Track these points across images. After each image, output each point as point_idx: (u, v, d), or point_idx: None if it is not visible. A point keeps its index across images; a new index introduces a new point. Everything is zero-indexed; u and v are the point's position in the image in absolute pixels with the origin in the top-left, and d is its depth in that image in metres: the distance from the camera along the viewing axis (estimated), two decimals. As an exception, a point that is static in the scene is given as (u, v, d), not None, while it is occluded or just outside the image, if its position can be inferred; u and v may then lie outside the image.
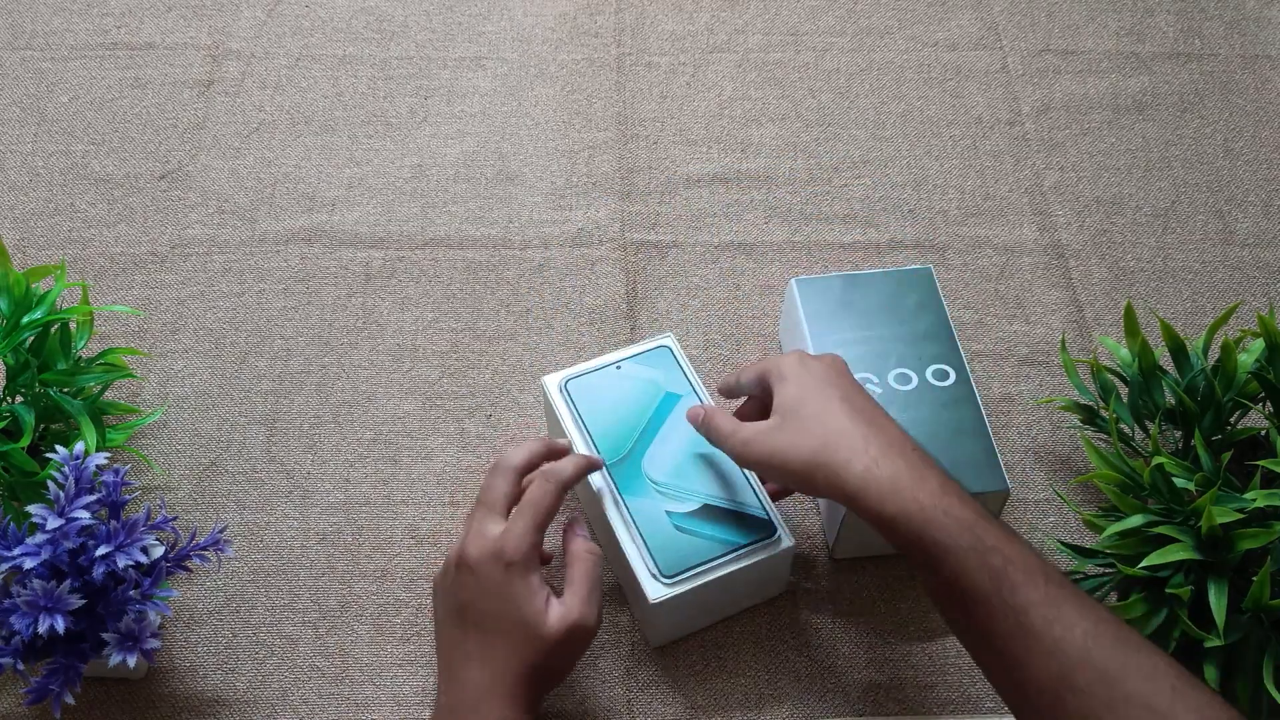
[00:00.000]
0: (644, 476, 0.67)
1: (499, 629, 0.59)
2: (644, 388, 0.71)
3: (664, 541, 0.65)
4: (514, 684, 0.59)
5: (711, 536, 0.65)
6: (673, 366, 0.72)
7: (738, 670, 0.69)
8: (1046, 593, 0.52)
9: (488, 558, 0.60)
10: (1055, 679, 0.50)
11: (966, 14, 1.03)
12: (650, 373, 0.72)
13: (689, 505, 0.66)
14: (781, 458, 0.59)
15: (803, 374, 0.62)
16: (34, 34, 1.00)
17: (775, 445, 0.60)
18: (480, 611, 0.60)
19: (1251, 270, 0.87)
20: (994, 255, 0.87)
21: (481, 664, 0.59)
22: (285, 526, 0.74)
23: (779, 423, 0.60)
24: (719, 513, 0.66)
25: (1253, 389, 0.68)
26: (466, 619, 0.61)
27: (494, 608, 0.60)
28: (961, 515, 0.54)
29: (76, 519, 0.59)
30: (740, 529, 0.66)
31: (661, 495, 0.67)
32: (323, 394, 0.80)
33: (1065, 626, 0.50)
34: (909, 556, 0.56)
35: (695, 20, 1.02)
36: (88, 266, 0.86)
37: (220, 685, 0.68)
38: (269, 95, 0.96)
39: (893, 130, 0.95)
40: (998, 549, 0.53)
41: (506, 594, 0.60)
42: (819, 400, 0.60)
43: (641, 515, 0.66)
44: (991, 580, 0.52)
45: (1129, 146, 0.94)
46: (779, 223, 0.89)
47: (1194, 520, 0.61)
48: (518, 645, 0.59)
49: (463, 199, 0.90)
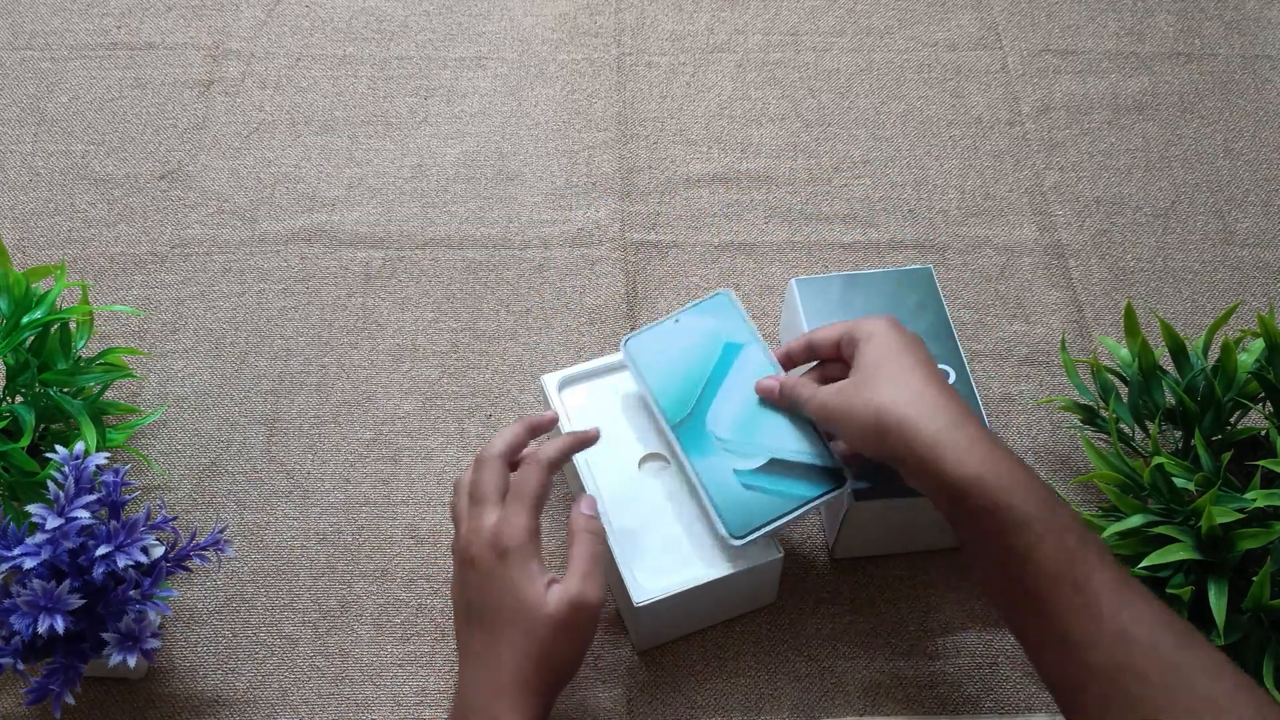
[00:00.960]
0: (709, 434, 0.67)
1: (501, 621, 0.59)
2: (704, 340, 0.70)
3: (733, 501, 0.65)
4: (519, 682, 0.57)
5: (781, 492, 0.65)
6: (732, 315, 0.71)
7: (738, 670, 0.69)
8: (1116, 579, 0.52)
9: (485, 549, 0.60)
10: (1118, 664, 0.50)
11: (966, 14, 1.03)
12: (710, 322, 0.71)
13: (756, 461, 0.66)
14: (858, 414, 0.60)
15: (888, 337, 0.62)
16: (34, 34, 1.00)
17: (853, 402, 0.60)
18: (483, 606, 0.59)
19: (1251, 270, 0.87)
20: (994, 255, 0.87)
21: (484, 663, 0.59)
22: (285, 526, 0.74)
23: (858, 380, 0.61)
24: (787, 466, 0.66)
25: (1253, 389, 0.68)
26: (472, 617, 0.60)
27: (494, 599, 0.59)
28: (1038, 490, 0.54)
29: (76, 519, 0.59)
30: (810, 481, 0.65)
31: (728, 452, 0.66)
32: (323, 394, 0.80)
33: (1134, 614, 0.51)
34: (971, 526, 0.55)
35: (695, 20, 1.02)
36: (88, 266, 0.86)
37: (220, 685, 0.68)
38: (269, 95, 0.96)
39: (893, 130, 0.95)
40: (1071, 528, 0.53)
41: (505, 583, 0.59)
42: (899, 363, 0.60)
43: (709, 475, 0.66)
44: (1065, 559, 0.52)
45: (1129, 146, 0.94)
46: (779, 223, 0.89)
47: (1194, 520, 0.62)
48: (519, 636, 0.58)
49: (463, 199, 0.90)
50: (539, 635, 0.58)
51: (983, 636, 0.70)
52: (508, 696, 0.57)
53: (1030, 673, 0.69)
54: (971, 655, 0.70)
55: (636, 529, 0.67)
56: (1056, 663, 0.53)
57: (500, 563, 0.59)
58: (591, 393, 0.73)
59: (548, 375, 0.72)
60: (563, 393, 0.72)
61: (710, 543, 0.66)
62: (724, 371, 0.69)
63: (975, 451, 0.55)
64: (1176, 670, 0.49)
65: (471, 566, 0.60)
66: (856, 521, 0.69)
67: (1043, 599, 0.53)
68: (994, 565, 0.55)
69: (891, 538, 0.72)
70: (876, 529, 0.70)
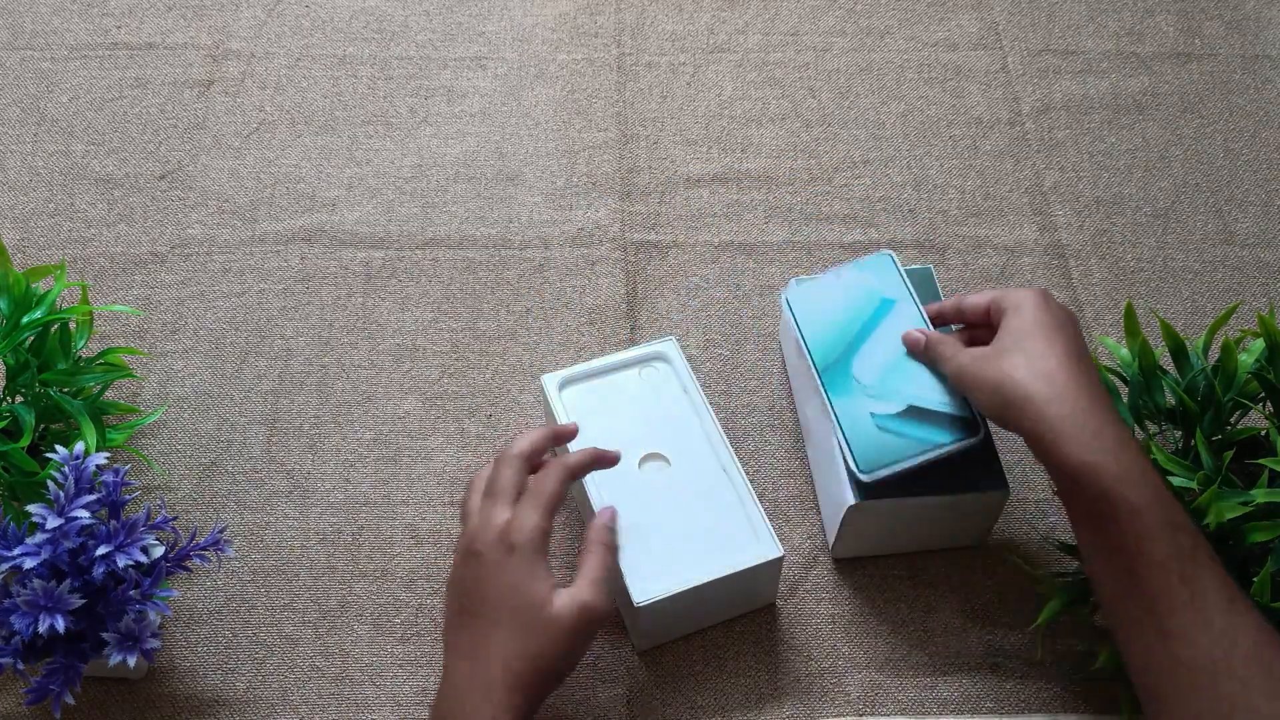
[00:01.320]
0: (852, 378, 0.69)
1: (498, 617, 0.58)
2: (862, 293, 0.73)
3: (866, 440, 0.67)
4: (509, 679, 0.56)
5: (913, 436, 0.66)
6: (892, 274, 0.73)
7: (738, 670, 0.69)
8: (1224, 581, 0.53)
9: (494, 543, 0.59)
10: (1218, 662, 0.51)
11: (966, 14, 1.03)
12: (870, 278, 0.74)
13: (895, 407, 0.68)
14: (989, 384, 0.60)
15: (1038, 311, 0.62)
16: (34, 34, 1.00)
17: (991, 370, 0.61)
18: (482, 599, 0.59)
19: (1251, 270, 0.87)
20: (994, 255, 0.87)
21: (475, 657, 0.58)
22: (285, 526, 0.74)
23: (1000, 349, 0.61)
24: (924, 414, 0.67)
25: (1253, 389, 0.68)
26: (467, 610, 0.59)
27: (495, 593, 0.58)
28: (1157, 485, 0.55)
29: (76, 519, 0.59)
30: (944, 429, 0.67)
31: (868, 397, 0.68)
32: (323, 394, 0.80)
33: (1239, 616, 0.52)
34: (1084, 510, 0.56)
35: (695, 20, 1.02)
36: (88, 266, 0.86)
37: (220, 685, 0.68)
38: (269, 95, 0.96)
39: (893, 130, 0.95)
40: (1185, 527, 0.54)
41: (510, 579, 0.58)
42: (1044, 339, 0.60)
43: (846, 414, 0.68)
44: (1177, 555, 0.53)
45: (1129, 146, 0.94)
46: (779, 223, 0.89)
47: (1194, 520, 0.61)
48: (517, 633, 0.57)
49: (463, 199, 0.90)
50: (536, 634, 0.57)
51: (983, 636, 0.70)
52: (496, 692, 0.56)
53: (1030, 673, 0.69)
54: (971, 655, 0.70)
55: (637, 529, 0.67)
56: (1146, 651, 0.54)
57: (507, 558, 0.59)
58: (591, 393, 0.73)
59: (548, 375, 0.72)
60: (563, 393, 0.72)
61: (710, 543, 0.66)
62: (875, 323, 0.72)
63: (1097, 439, 0.56)
64: (1276, 675, 0.50)
65: (477, 559, 0.60)
66: (856, 521, 0.69)
67: (1149, 590, 0.53)
68: (1103, 551, 0.56)
69: (891, 538, 0.72)
70: (876, 529, 0.70)
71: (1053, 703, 0.68)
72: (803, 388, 0.75)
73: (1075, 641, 0.70)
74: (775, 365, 0.81)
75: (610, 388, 0.73)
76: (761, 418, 0.79)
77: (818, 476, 0.75)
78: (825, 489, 0.73)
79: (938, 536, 0.72)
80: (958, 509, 0.69)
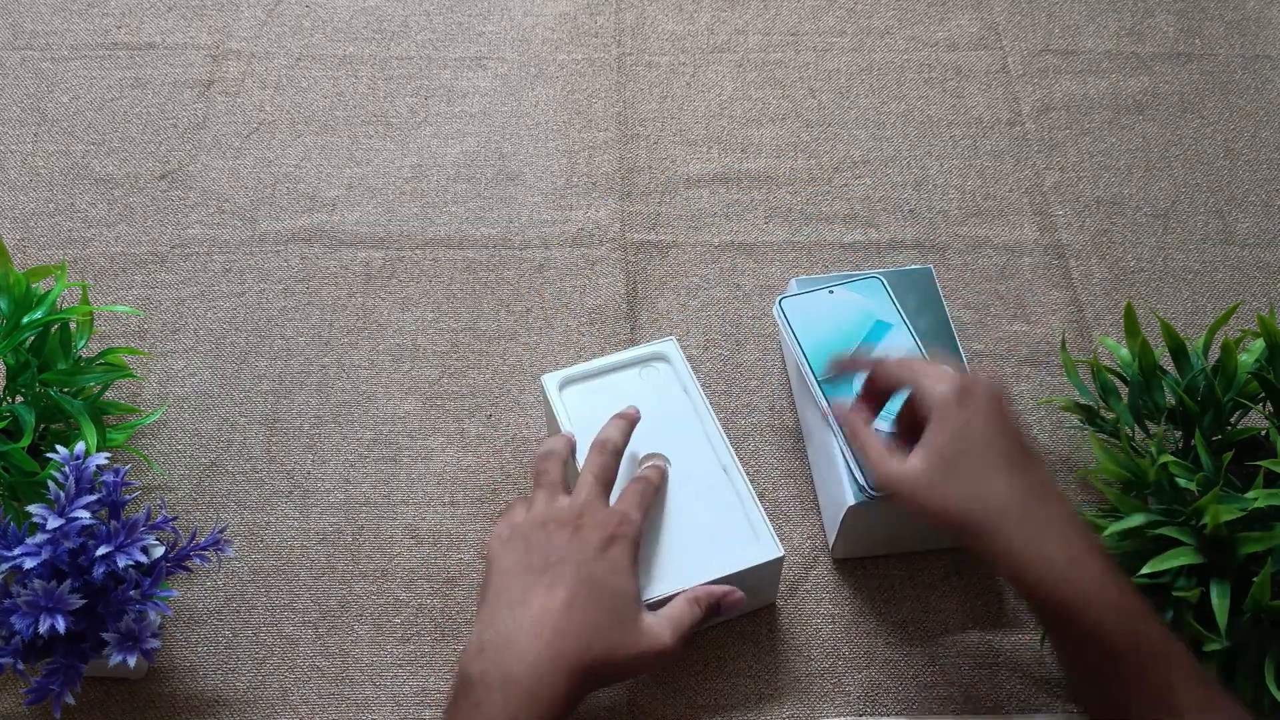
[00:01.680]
0: (855, 395, 0.69)
1: (588, 593, 0.57)
2: (857, 313, 0.74)
3: None
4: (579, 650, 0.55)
5: None
6: (884, 298, 0.75)
7: (738, 670, 0.69)
8: (1204, 697, 0.52)
9: (600, 526, 0.60)
10: None
11: (966, 14, 1.03)
12: (862, 300, 0.75)
13: None
14: (933, 512, 0.57)
15: (962, 416, 0.57)
16: (34, 34, 1.00)
17: (927, 498, 0.57)
18: (573, 569, 0.58)
19: (1251, 270, 0.87)
20: (994, 255, 0.87)
21: (544, 614, 0.56)
22: (285, 526, 0.74)
23: (932, 468, 0.57)
24: None
25: (1253, 389, 0.68)
26: (537, 568, 0.58)
27: (588, 569, 0.58)
28: (1126, 608, 0.53)
29: (77, 519, 0.59)
30: None
31: None
32: (323, 394, 0.80)
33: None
34: (1058, 639, 0.55)
35: (695, 20, 1.02)
36: (88, 266, 0.86)
37: (220, 685, 0.68)
38: (269, 95, 0.96)
39: (893, 130, 0.95)
40: (1157, 655, 0.53)
41: (613, 564, 0.59)
42: (979, 456, 0.56)
43: None
44: (1150, 686, 0.52)
45: (1129, 146, 0.94)
46: (779, 223, 0.89)
47: (1194, 521, 0.61)
48: (603, 614, 0.57)
49: (463, 199, 0.90)
50: (620, 628, 0.57)
51: (983, 636, 0.70)
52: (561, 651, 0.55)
53: (1030, 673, 0.69)
54: (971, 655, 0.70)
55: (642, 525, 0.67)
56: None
57: (611, 546, 0.59)
58: (591, 392, 0.73)
59: (548, 375, 0.72)
60: (563, 393, 0.72)
61: (711, 543, 0.66)
62: (873, 344, 0.72)
63: (1067, 567, 0.53)
64: None
65: (575, 532, 0.59)
66: (856, 522, 0.69)
67: (1121, 712, 0.53)
68: (1083, 678, 0.55)
69: (891, 538, 0.72)
70: (876, 529, 0.70)
71: (1053, 703, 0.68)
72: (803, 390, 0.75)
73: (1075, 641, 0.70)
74: (775, 365, 0.81)
75: (610, 388, 0.73)
76: (761, 418, 0.79)
77: (818, 477, 0.75)
78: (825, 489, 0.73)
79: (938, 536, 0.72)
80: (958, 509, 0.69)
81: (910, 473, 0.58)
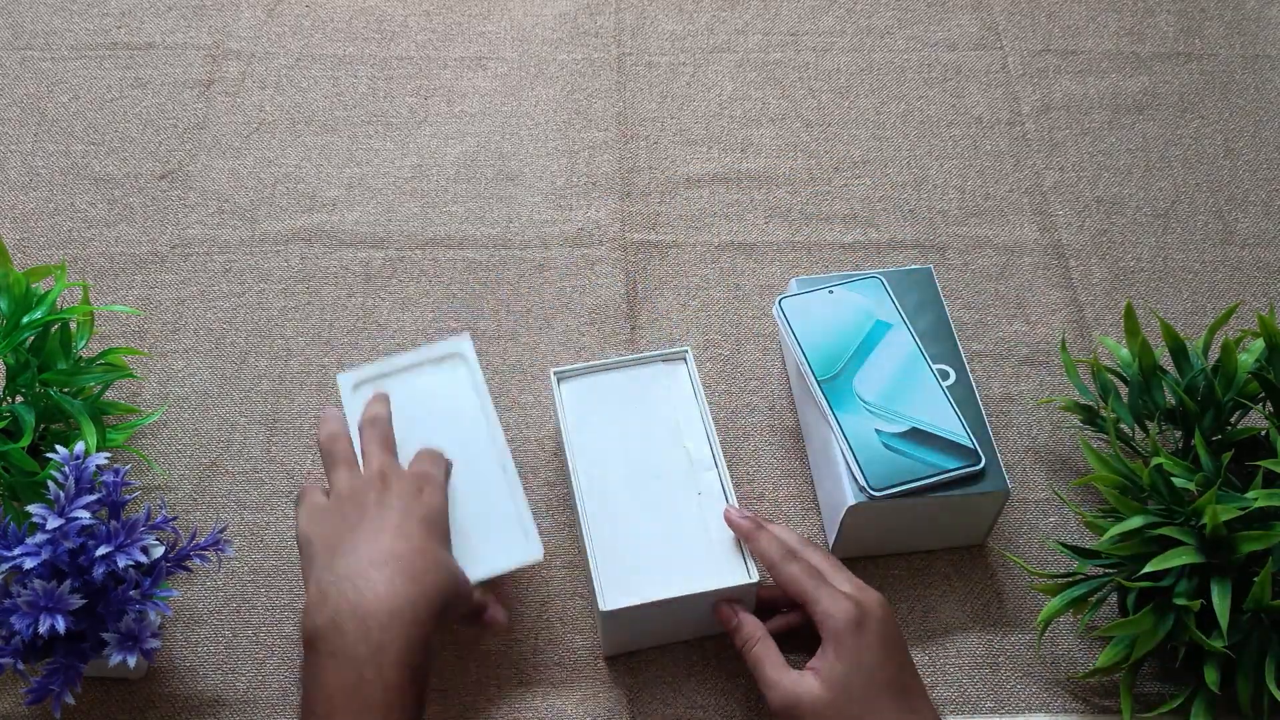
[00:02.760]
0: (855, 395, 0.70)
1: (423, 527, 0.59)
2: (856, 313, 0.74)
3: (873, 457, 0.67)
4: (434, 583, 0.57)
5: (920, 459, 0.68)
6: (883, 298, 0.75)
7: (738, 670, 0.69)
8: None
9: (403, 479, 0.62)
10: None
11: (966, 14, 1.03)
12: (862, 300, 0.75)
13: (898, 427, 0.69)
14: None
15: (859, 644, 0.59)
16: (34, 34, 1.00)
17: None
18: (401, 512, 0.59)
19: (1251, 270, 0.87)
20: (994, 255, 0.87)
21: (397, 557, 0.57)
22: (285, 526, 0.74)
23: (835, 696, 0.58)
24: (927, 437, 0.68)
25: (1253, 389, 0.68)
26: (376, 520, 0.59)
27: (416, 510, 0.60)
28: None
29: (77, 519, 0.59)
30: (947, 454, 0.68)
31: (872, 414, 0.69)
32: (323, 394, 0.80)
33: None
34: None
35: (695, 20, 1.02)
36: (88, 266, 0.86)
37: (220, 685, 0.68)
38: (269, 95, 0.96)
39: (893, 130, 0.95)
40: None
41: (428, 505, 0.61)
42: (873, 687, 0.59)
43: (852, 431, 0.68)
44: None
45: (1129, 146, 0.94)
46: (779, 223, 0.89)
47: (1194, 521, 0.61)
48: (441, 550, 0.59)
49: (463, 199, 0.90)
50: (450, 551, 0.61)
51: (983, 636, 0.70)
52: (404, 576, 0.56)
53: (1030, 673, 0.69)
54: (971, 655, 0.70)
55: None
56: None
57: (423, 493, 0.61)
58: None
59: (342, 374, 0.70)
60: (356, 391, 0.71)
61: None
62: (873, 344, 0.73)
63: None
64: None
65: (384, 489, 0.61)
66: (856, 521, 0.69)
67: None
68: None
69: (891, 538, 0.72)
70: (876, 529, 0.70)
71: (1053, 703, 0.68)
72: (803, 390, 0.75)
73: (1075, 641, 0.70)
74: (775, 365, 0.81)
75: (402, 386, 0.70)
76: (761, 418, 0.79)
77: (817, 477, 0.75)
78: (825, 489, 0.73)
79: (938, 536, 0.72)
80: (958, 509, 0.69)
81: (810, 694, 0.59)
